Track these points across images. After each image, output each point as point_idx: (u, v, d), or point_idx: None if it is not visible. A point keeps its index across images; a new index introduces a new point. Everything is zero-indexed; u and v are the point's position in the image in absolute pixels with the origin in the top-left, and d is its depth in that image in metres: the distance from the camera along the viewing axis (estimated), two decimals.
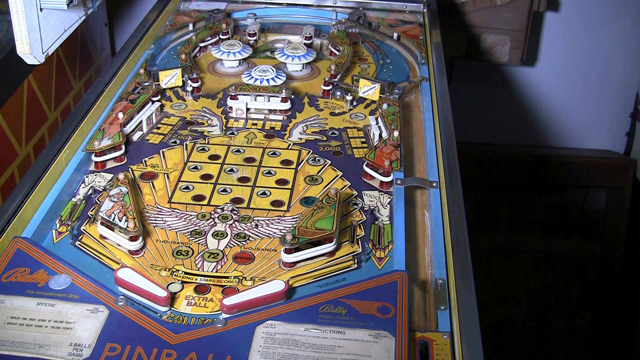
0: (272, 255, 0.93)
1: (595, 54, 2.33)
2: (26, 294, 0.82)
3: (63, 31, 1.18)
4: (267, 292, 0.82)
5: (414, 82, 1.38)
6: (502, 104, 2.42)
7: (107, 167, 1.11)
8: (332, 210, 0.94)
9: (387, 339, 0.77)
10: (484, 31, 2.06)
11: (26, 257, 0.88)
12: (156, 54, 1.50)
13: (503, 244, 2.46)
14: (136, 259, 0.92)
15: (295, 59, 1.41)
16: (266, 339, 0.77)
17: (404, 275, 0.86)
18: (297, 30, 1.63)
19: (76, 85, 1.83)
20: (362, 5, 1.72)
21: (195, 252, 0.93)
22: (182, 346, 0.76)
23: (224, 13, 1.65)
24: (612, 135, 2.47)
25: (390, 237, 0.97)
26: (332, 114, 1.29)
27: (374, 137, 1.19)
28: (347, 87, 1.34)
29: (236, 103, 1.26)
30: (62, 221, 0.99)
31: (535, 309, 2.47)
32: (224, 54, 1.42)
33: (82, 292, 0.83)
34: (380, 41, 1.60)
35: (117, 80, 1.33)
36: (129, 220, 0.92)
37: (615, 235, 2.38)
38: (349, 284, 0.86)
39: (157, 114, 1.25)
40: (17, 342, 0.76)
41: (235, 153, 1.15)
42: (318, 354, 0.75)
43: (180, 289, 0.87)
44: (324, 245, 0.92)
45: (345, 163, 1.13)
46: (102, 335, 0.77)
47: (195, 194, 1.05)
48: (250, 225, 0.98)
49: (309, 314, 0.80)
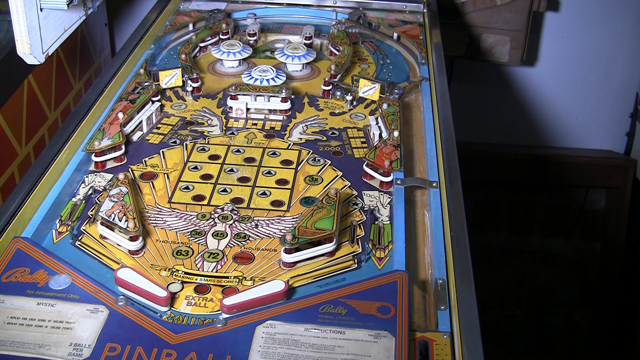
0: (272, 255, 0.93)
1: (595, 54, 2.33)
2: (26, 294, 0.82)
3: (63, 31, 1.18)
4: (267, 292, 0.82)
5: (414, 82, 1.38)
6: (502, 104, 2.42)
7: (107, 167, 1.11)
8: (332, 210, 0.94)
9: (387, 339, 0.77)
10: (484, 31, 2.06)
11: (26, 257, 0.88)
12: (156, 54, 1.50)
13: (503, 244, 2.46)
14: (136, 259, 0.92)
15: (295, 59, 1.41)
16: (266, 339, 0.77)
17: (404, 275, 0.86)
18: (297, 30, 1.63)
19: (76, 85, 1.83)
20: (362, 5, 1.72)
21: (195, 252, 0.93)
22: (182, 346, 0.76)
23: (224, 13, 1.65)
24: (612, 135, 2.47)
25: (390, 237, 0.97)
26: (332, 114, 1.29)
27: (374, 137, 1.19)
28: (347, 87, 1.34)
29: (236, 103, 1.26)
30: (62, 221, 0.99)
31: (535, 309, 2.47)
32: (224, 54, 1.42)
33: (82, 292, 0.83)
34: (380, 41, 1.60)
35: (117, 80, 1.33)
36: (129, 220, 0.92)
37: (615, 235, 2.38)
38: (349, 284, 0.86)
39: (157, 114, 1.25)
40: (17, 342, 0.76)
41: (235, 153, 1.15)
42: (318, 354, 0.75)
43: (180, 289, 0.87)
44: (324, 245, 0.92)
45: (345, 163, 1.13)
46: (102, 335, 0.77)
47: (195, 194, 1.05)
48: (250, 225, 0.98)
49: (309, 314, 0.80)
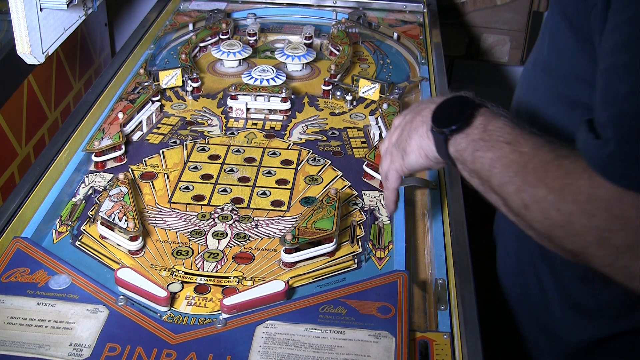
0: (272, 255, 0.93)
1: None
2: (26, 294, 0.82)
3: (63, 31, 1.18)
4: (267, 292, 0.82)
5: (414, 82, 1.38)
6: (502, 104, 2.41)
7: (107, 167, 1.11)
8: (332, 210, 0.94)
9: (387, 339, 0.77)
10: (484, 31, 2.06)
11: (26, 257, 0.88)
12: (156, 54, 1.50)
13: None
14: (136, 259, 0.92)
15: (295, 59, 1.41)
16: (266, 339, 0.77)
17: (404, 275, 0.86)
18: (297, 30, 1.63)
19: (76, 85, 1.83)
20: (362, 5, 1.72)
21: (195, 252, 0.93)
22: (182, 346, 0.76)
23: (224, 13, 1.65)
24: None
25: (390, 237, 0.97)
26: (332, 114, 1.29)
27: (374, 137, 1.19)
28: (347, 87, 1.34)
29: (236, 103, 1.26)
30: (62, 221, 0.99)
31: None
32: (224, 54, 1.42)
33: (82, 292, 0.83)
34: (380, 41, 1.60)
35: (117, 80, 1.33)
36: (129, 220, 0.92)
37: None
38: (349, 284, 0.86)
39: (157, 114, 1.25)
40: (17, 342, 0.76)
41: (235, 153, 1.15)
42: (318, 354, 0.75)
43: (180, 289, 0.87)
44: (324, 245, 0.92)
45: (345, 163, 1.13)
46: (102, 335, 0.77)
47: (195, 194, 1.05)
48: (250, 225, 0.98)
49: (309, 314, 0.80)
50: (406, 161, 0.82)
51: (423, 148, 0.79)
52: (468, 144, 0.73)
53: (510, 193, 0.67)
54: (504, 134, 0.70)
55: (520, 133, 0.70)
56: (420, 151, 0.80)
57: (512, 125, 0.71)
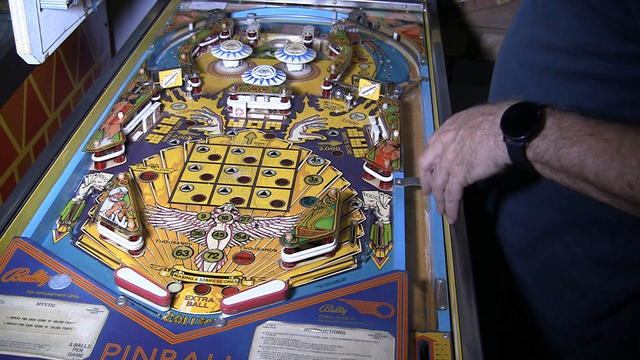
0: (272, 255, 0.93)
1: None
2: (26, 294, 0.82)
3: (63, 31, 1.18)
4: (267, 292, 0.82)
5: (414, 82, 1.38)
6: None
7: (107, 167, 1.11)
8: (332, 210, 0.94)
9: (387, 339, 0.77)
10: (484, 31, 2.06)
11: (26, 257, 0.88)
12: (156, 54, 1.50)
13: None
14: (136, 259, 0.92)
15: (295, 59, 1.41)
16: (266, 339, 0.77)
17: (404, 275, 0.86)
18: (297, 30, 1.63)
19: (76, 85, 1.83)
20: (362, 5, 1.72)
21: (195, 252, 0.93)
22: (182, 346, 0.76)
23: (224, 13, 1.65)
24: None
25: (390, 237, 0.97)
26: (332, 114, 1.29)
27: (374, 137, 1.19)
28: (347, 87, 1.34)
29: (236, 103, 1.26)
30: (62, 221, 0.99)
31: None
32: (224, 54, 1.42)
33: (82, 292, 0.83)
34: (380, 41, 1.60)
35: (117, 80, 1.33)
36: (129, 220, 0.92)
37: None
38: (349, 284, 0.86)
39: (157, 114, 1.25)
40: (17, 342, 0.76)
41: (235, 153, 1.15)
42: (318, 354, 0.75)
43: (180, 289, 0.87)
44: (324, 245, 0.92)
45: (345, 163, 1.13)
46: (102, 335, 0.77)
47: (195, 194, 1.05)
48: (250, 225, 0.98)
49: (309, 314, 0.81)
50: (473, 173, 0.85)
51: (492, 158, 0.82)
52: (548, 145, 0.76)
53: (611, 179, 0.71)
54: (582, 127, 0.74)
55: (595, 123, 0.73)
56: (489, 162, 0.83)
57: (583, 117, 0.75)
